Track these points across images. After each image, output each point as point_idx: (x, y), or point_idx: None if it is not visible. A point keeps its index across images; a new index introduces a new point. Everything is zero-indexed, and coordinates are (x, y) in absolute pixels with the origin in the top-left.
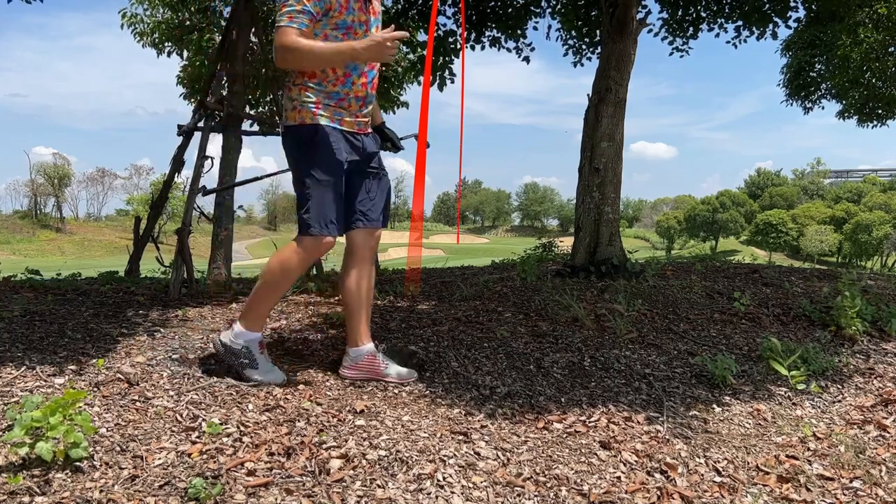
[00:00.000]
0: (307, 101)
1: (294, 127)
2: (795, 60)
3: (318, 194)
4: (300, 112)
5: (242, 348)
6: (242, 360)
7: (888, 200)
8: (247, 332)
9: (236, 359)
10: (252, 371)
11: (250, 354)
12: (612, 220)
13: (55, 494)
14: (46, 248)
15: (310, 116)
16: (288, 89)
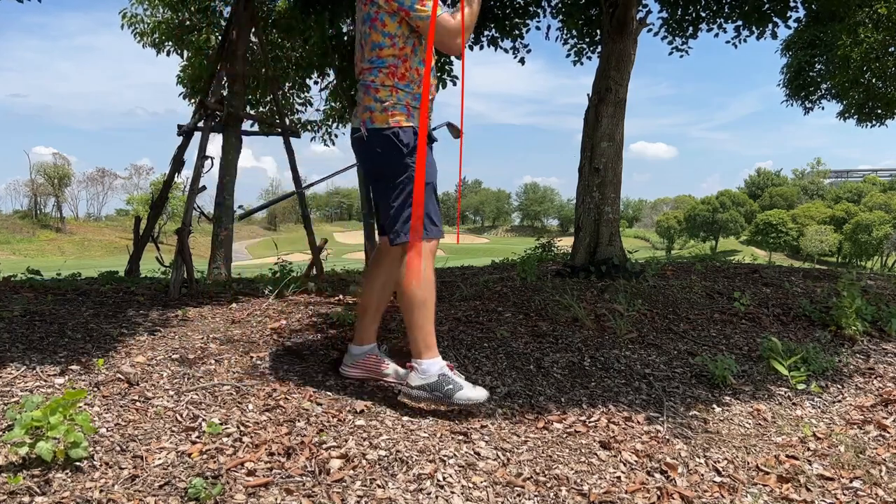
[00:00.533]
0: (399, 103)
1: (387, 129)
2: (795, 60)
3: (427, 198)
4: (393, 115)
5: (439, 378)
6: (447, 388)
7: (888, 200)
8: (432, 362)
9: (441, 390)
10: (461, 392)
11: (450, 379)
12: (612, 220)
13: (55, 494)
14: (46, 248)
15: (405, 118)
16: (373, 90)
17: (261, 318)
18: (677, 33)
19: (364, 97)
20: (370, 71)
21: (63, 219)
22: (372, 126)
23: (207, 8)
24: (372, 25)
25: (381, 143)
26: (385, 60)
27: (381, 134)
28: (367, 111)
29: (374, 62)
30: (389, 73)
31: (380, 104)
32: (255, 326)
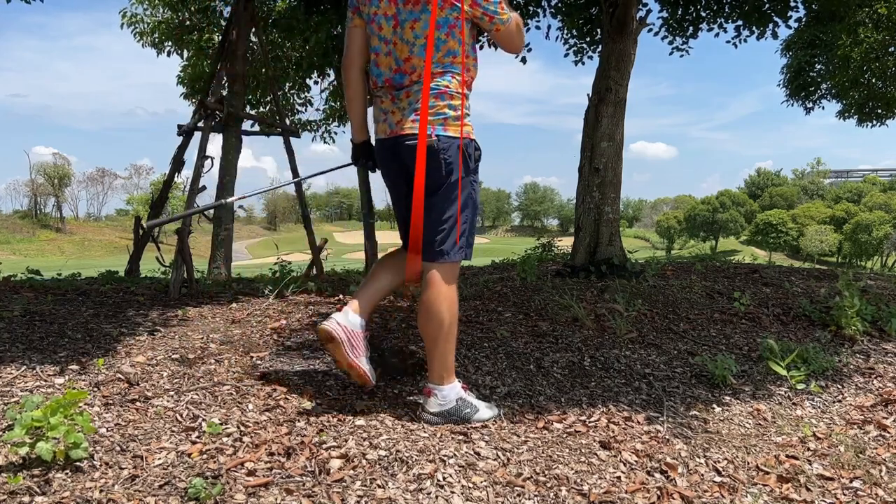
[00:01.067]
0: (468, 113)
1: (458, 141)
2: (795, 60)
3: (472, 217)
4: (465, 125)
5: (457, 402)
6: (466, 411)
7: (888, 200)
8: (451, 387)
9: (459, 414)
10: (477, 415)
11: (467, 402)
12: (612, 220)
13: (55, 494)
14: (46, 248)
15: (472, 130)
16: (448, 97)
17: (261, 318)
18: (678, 33)
19: (437, 102)
20: (442, 76)
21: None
22: (444, 133)
23: (207, 8)
24: (450, 32)
25: (453, 153)
26: (457, 67)
27: (455, 143)
28: (441, 117)
29: (447, 67)
30: (462, 81)
31: (454, 111)
32: (255, 326)
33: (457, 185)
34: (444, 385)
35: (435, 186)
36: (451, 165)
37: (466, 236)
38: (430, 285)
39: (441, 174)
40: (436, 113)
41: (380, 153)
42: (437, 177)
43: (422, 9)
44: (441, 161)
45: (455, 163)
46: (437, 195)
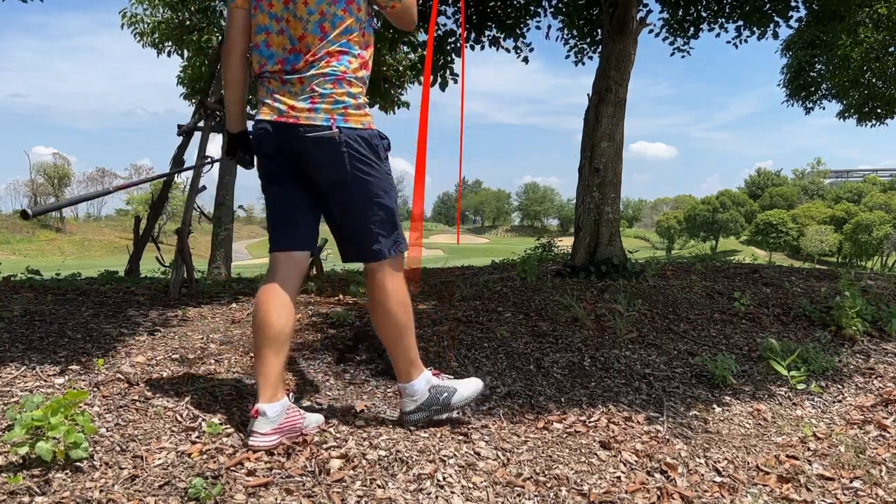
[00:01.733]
0: (366, 99)
1: (364, 130)
2: (795, 60)
3: (395, 210)
4: (366, 114)
5: (431, 391)
6: (444, 396)
7: (888, 200)
8: (419, 379)
9: (437, 403)
10: (456, 396)
11: (441, 388)
12: (612, 220)
13: (55, 494)
14: (46, 248)
15: (372, 120)
16: (347, 83)
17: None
18: (678, 34)
19: (335, 89)
20: (339, 59)
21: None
22: (346, 125)
23: (207, 8)
24: (347, 7)
25: (360, 146)
26: (355, 47)
27: (359, 135)
28: (341, 106)
29: (344, 46)
30: (361, 65)
31: (354, 100)
32: None
33: (372, 180)
34: (412, 381)
35: (340, 183)
36: (358, 159)
37: (397, 230)
38: (376, 286)
39: (346, 170)
40: (334, 101)
41: (261, 137)
42: (342, 173)
43: None
44: (344, 155)
45: (362, 156)
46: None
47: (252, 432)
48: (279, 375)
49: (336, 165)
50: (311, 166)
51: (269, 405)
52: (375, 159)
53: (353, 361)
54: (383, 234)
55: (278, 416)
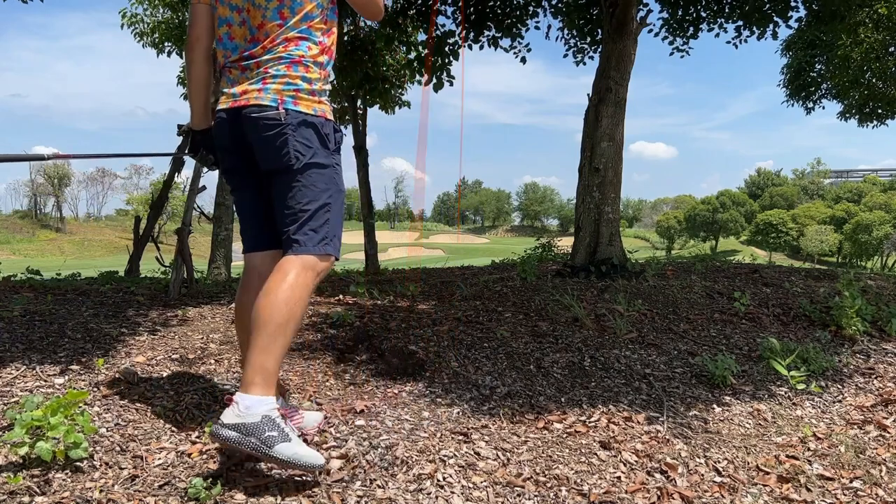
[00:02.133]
0: (325, 90)
1: (314, 117)
2: (796, 60)
3: (337, 208)
4: (321, 102)
5: (263, 419)
6: (268, 434)
7: (888, 200)
8: (261, 399)
9: (259, 435)
10: (284, 446)
11: (275, 425)
12: (612, 220)
13: (55, 494)
14: (46, 248)
15: (328, 110)
16: (303, 67)
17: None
18: (678, 33)
19: (288, 71)
20: (297, 44)
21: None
22: (294, 108)
23: None
24: None
25: (305, 131)
26: (315, 34)
27: (307, 121)
28: (292, 88)
29: (303, 33)
30: (321, 50)
31: (308, 84)
32: None
33: (313, 168)
34: (251, 394)
35: (281, 168)
36: (302, 145)
37: (328, 228)
38: (278, 272)
39: (289, 155)
40: (286, 83)
41: (218, 127)
42: (284, 158)
43: None
44: (288, 138)
45: (308, 143)
46: (288, 179)
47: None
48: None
49: (278, 148)
50: (255, 149)
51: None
52: (322, 149)
53: (353, 361)
54: (311, 228)
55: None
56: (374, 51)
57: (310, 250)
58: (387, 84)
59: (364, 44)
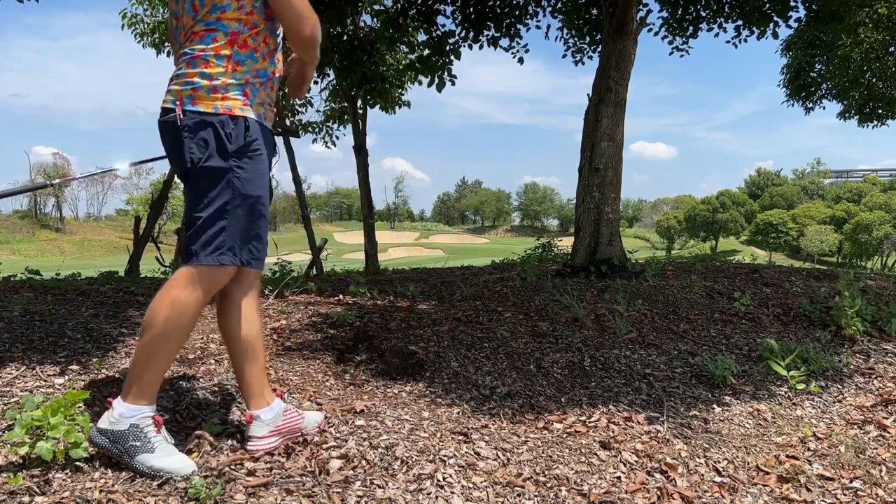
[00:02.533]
0: (236, 83)
1: (209, 115)
2: (795, 61)
3: (239, 213)
4: (224, 97)
5: (130, 428)
6: (131, 444)
7: (888, 200)
8: (133, 408)
9: (124, 443)
10: (146, 456)
11: (141, 435)
12: (612, 220)
13: (55, 494)
14: (46, 248)
15: (238, 105)
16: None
17: (261, 318)
18: (677, 33)
19: (188, 69)
20: (202, 37)
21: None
22: (193, 108)
23: None
24: None
25: (202, 133)
26: (227, 25)
27: (204, 120)
28: (190, 87)
29: (210, 25)
30: (229, 41)
31: (207, 81)
32: None
33: (208, 173)
34: (125, 402)
35: (182, 173)
36: (198, 147)
37: (225, 236)
38: (168, 282)
39: (184, 158)
40: (185, 83)
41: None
42: (182, 161)
43: None
44: (184, 142)
45: (205, 145)
46: (189, 184)
47: (249, 437)
48: (260, 380)
49: (178, 152)
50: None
51: (262, 410)
52: (219, 150)
53: (353, 361)
54: (204, 237)
55: (274, 418)
56: (374, 51)
57: (200, 261)
58: (387, 84)
59: (364, 44)
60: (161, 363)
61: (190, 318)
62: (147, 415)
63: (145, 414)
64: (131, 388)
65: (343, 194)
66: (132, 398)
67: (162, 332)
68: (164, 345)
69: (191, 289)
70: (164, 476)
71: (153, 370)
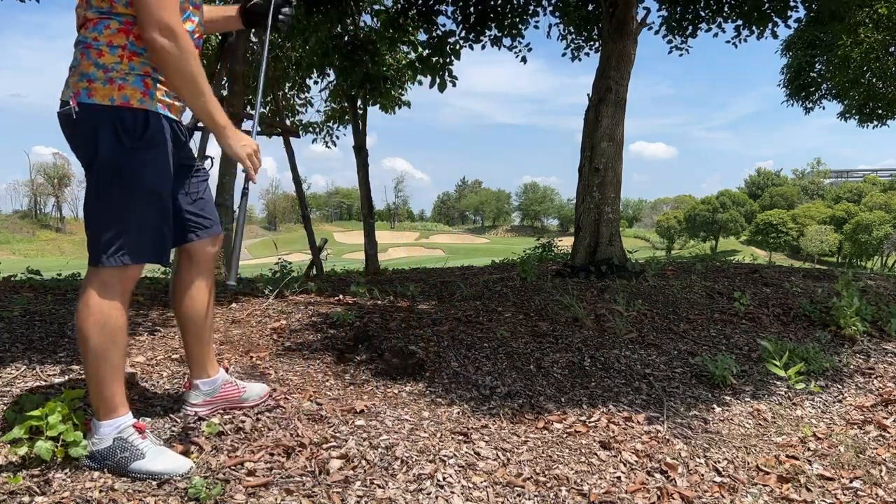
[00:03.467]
0: (133, 72)
1: (105, 108)
2: (795, 60)
3: (139, 210)
4: (122, 88)
5: (114, 443)
6: (121, 456)
7: (888, 200)
8: (110, 423)
9: (112, 459)
10: (139, 463)
11: (126, 446)
12: (612, 220)
13: (55, 494)
14: (46, 248)
15: (137, 97)
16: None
17: (261, 318)
18: (677, 32)
19: (82, 60)
20: (95, 24)
21: (63, 219)
22: (89, 101)
23: None
24: None
25: (96, 127)
26: (120, 14)
27: (99, 113)
28: (85, 79)
29: (104, 12)
30: (123, 29)
31: (102, 71)
32: (255, 326)
33: (104, 167)
34: (100, 420)
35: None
36: (93, 141)
37: (126, 236)
38: (80, 295)
39: (82, 153)
40: (80, 74)
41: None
42: (81, 157)
43: None
44: (85, 136)
45: (100, 137)
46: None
47: (184, 402)
48: (203, 355)
49: (77, 147)
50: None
51: (201, 380)
52: (114, 143)
53: (353, 361)
54: (105, 236)
55: (213, 390)
56: (374, 51)
57: (103, 262)
58: (387, 84)
59: (364, 44)
60: (110, 373)
61: (115, 321)
62: (127, 424)
63: (125, 424)
64: (97, 406)
65: (343, 194)
66: (104, 415)
67: (98, 346)
68: (103, 356)
69: (104, 293)
70: (162, 476)
71: (107, 383)
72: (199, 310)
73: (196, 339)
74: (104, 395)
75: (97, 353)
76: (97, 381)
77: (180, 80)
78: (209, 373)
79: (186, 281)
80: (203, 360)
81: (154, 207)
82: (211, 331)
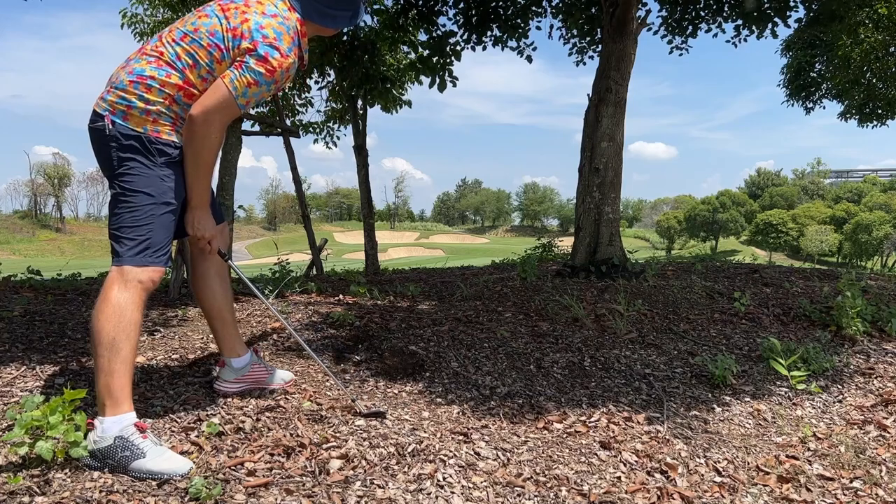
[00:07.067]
0: (167, 113)
1: (143, 136)
2: (795, 60)
3: (158, 217)
4: (154, 122)
5: (115, 441)
6: (122, 455)
7: (888, 200)
8: (114, 419)
9: (114, 458)
10: (140, 462)
11: (127, 445)
12: (612, 220)
13: (55, 494)
14: (46, 248)
15: (166, 131)
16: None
17: (261, 318)
18: (677, 32)
19: (129, 87)
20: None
21: (63, 219)
22: (124, 123)
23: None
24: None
25: (127, 147)
26: (186, 77)
27: (130, 135)
28: (125, 104)
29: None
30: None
31: (144, 104)
32: (255, 326)
33: (129, 175)
34: (104, 416)
35: (109, 176)
36: (121, 155)
37: (144, 239)
38: (101, 290)
39: (109, 165)
40: (122, 97)
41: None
42: (107, 168)
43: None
44: (111, 148)
45: (127, 152)
46: (115, 187)
47: (218, 378)
48: (231, 336)
49: (105, 159)
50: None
51: (233, 359)
52: (145, 159)
53: (353, 361)
54: (127, 237)
55: (243, 368)
56: (374, 51)
57: (124, 262)
58: (387, 84)
59: (364, 44)
60: (122, 368)
61: (130, 315)
62: (129, 423)
63: (127, 423)
64: (104, 401)
65: (343, 194)
66: (109, 411)
67: (111, 341)
68: (115, 351)
69: (124, 290)
70: (162, 477)
71: (119, 378)
72: (218, 295)
73: (221, 323)
74: (112, 389)
75: (110, 346)
76: (107, 374)
77: (192, 157)
78: (239, 353)
79: (201, 271)
80: (231, 340)
81: (168, 217)
82: (233, 313)
